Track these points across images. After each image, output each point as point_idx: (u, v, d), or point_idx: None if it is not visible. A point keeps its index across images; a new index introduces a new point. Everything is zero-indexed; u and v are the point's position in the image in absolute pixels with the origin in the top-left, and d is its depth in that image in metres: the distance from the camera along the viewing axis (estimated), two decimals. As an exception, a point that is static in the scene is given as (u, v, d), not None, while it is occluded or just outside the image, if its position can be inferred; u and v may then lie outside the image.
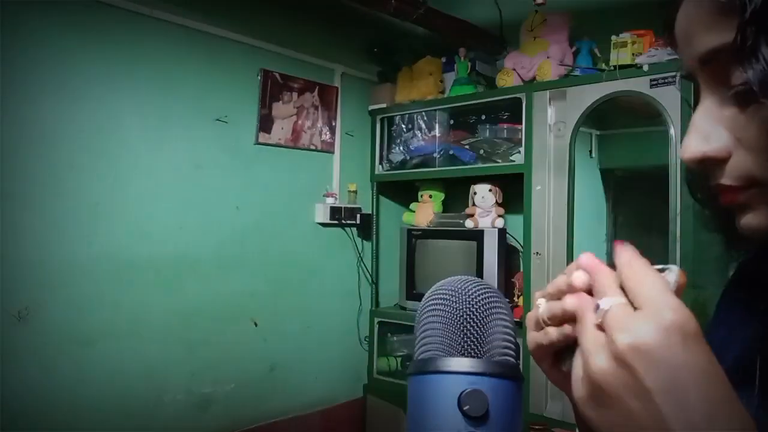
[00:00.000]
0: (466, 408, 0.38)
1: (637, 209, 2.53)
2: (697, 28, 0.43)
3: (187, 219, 2.33)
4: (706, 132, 0.43)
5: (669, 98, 1.95)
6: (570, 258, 2.18)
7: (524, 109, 2.34)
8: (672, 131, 1.94)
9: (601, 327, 0.37)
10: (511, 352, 0.42)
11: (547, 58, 2.35)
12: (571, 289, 0.41)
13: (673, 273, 0.40)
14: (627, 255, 0.39)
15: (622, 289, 0.38)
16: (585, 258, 0.41)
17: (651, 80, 1.99)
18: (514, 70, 2.46)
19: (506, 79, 2.48)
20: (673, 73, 1.95)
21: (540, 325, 0.43)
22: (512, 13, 2.66)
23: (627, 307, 0.36)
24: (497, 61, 2.78)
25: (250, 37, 2.52)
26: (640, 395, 0.34)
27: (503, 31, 2.75)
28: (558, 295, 0.42)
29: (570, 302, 0.40)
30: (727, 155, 0.42)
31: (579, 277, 0.41)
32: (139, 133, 2.21)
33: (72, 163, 2.03)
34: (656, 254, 2.17)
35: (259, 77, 2.54)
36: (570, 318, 0.40)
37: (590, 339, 0.37)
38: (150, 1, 2.21)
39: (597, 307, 0.37)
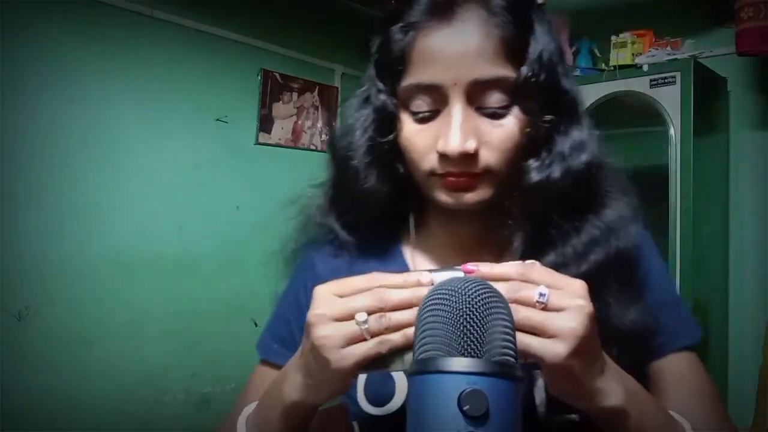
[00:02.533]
0: (466, 408, 0.38)
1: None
2: (476, 56, 0.59)
3: (187, 219, 2.34)
4: (465, 135, 0.59)
5: (669, 98, 1.95)
6: (570, 258, 2.18)
7: (524, 109, 2.34)
8: (672, 131, 1.95)
9: (545, 308, 0.49)
10: (511, 352, 0.42)
11: (547, 58, 2.35)
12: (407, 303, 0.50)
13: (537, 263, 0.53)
14: (503, 265, 0.52)
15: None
16: (486, 268, 0.52)
17: (651, 80, 1.99)
18: (514, 70, 2.46)
19: (506, 79, 2.48)
20: (673, 74, 1.95)
21: (360, 339, 0.50)
22: (512, 13, 2.66)
23: (556, 290, 0.50)
24: (497, 61, 2.78)
25: (250, 37, 2.52)
26: (596, 336, 0.50)
27: (503, 31, 2.75)
28: (396, 308, 0.50)
29: (525, 293, 0.49)
30: (476, 152, 0.60)
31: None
32: (139, 132, 2.21)
33: (72, 163, 2.04)
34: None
35: (259, 77, 2.54)
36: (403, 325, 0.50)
37: (550, 315, 0.49)
38: (150, 1, 2.21)
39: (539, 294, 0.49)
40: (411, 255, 0.75)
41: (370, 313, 0.50)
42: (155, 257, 2.24)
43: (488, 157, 0.61)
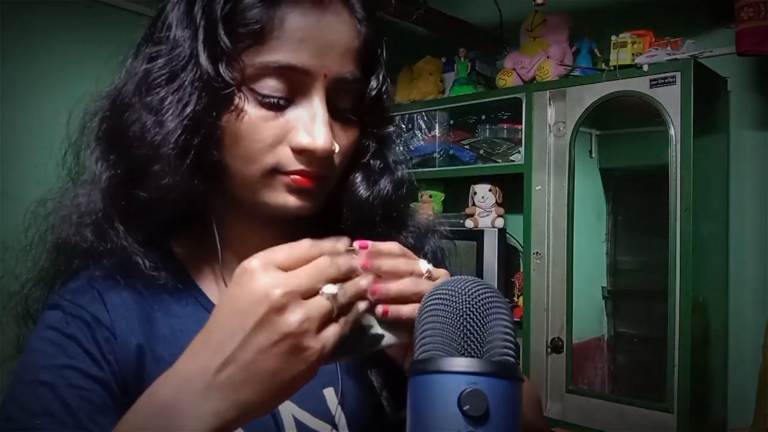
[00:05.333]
0: (466, 408, 0.38)
1: (637, 209, 2.53)
2: (345, 52, 0.56)
3: (187, 219, 2.34)
4: (330, 133, 0.55)
5: (669, 98, 1.95)
6: (570, 258, 2.18)
7: (524, 109, 2.34)
8: (672, 131, 1.94)
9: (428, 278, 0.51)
10: (511, 352, 0.43)
11: (547, 58, 2.35)
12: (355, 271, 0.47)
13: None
14: (387, 243, 0.52)
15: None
16: (390, 245, 0.52)
17: (651, 80, 1.99)
18: (514, 70, 2.46)
19: (506, 79, 2.48)
20: (673, 74, 1.95)
21: (330, 318, 0.43)
22: (512, 13, 2.66)
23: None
24: (497, 61, 2.78)
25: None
26: None
27: (503, 31, 2.76)
28: (347, 276, 0.46)
29: (417, 267, 0.51)
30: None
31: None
32: (139, 133, 2.21)
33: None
34: (656, 254, 2.17)
35: (259, 77, 2.54)
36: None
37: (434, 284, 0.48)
38: (150, 1, 2.21)
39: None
40: (204, 272, 0.63)
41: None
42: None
43: (336, 161, 0.58)
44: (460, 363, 0.40)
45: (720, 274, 2.17)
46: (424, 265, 0.52)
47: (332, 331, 0.43)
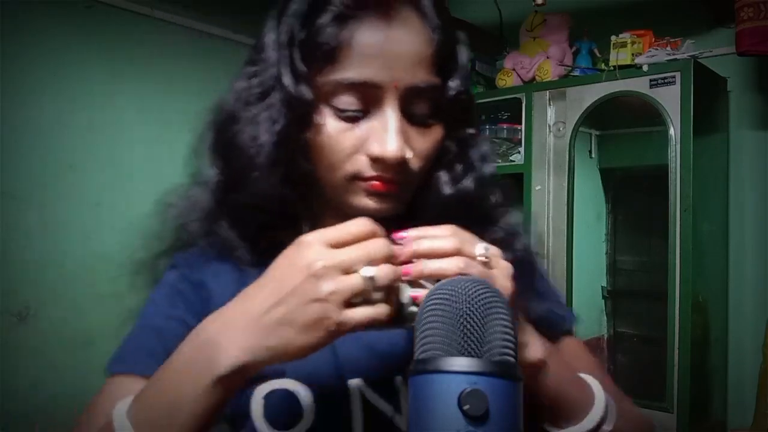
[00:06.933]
0: (466, 408, 0.38)
1: (636, 209, 2.53)
2: (417, 61, 0.58)
3: (187, 219, 2.34)
4: (403, 140, 0.58)
5: (668, 98, 1.95)
6: (570, 258, 2.18)
7: (524, 109, 2.34)
8: (671, 131, 1.95)
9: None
10: (511, 352, 0.43)
11: (547, 58, 2.35)
12: (400, 255, 0.50)
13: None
14: (444, 227, 0.52)
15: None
16: (446, 229, 0.52)
17: (650, 80, 1.99)
18: (514, 70, 2.46)
19: (506, 80, 2.48)
20: (673, 74, 1.95)
21: (360, 294, 0.47)
22: (512, 14, 2.67)
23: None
24: (497, 62, 2.78)
25: (250, 37, 2.52)
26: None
27: (503, 32, 2.76)
28: (390, 259, 0.49)
29: (469, 248, 0.51)
30: (408, 159, 0.59)
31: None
32: (139, 133, 2.21)
33: (72, 163, 2.03)
34: (656, 254, 2.17)
35: (259, 77, 2.55)
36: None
37: (491, 273, 0.51)
38: (150, 1, 2.21)
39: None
40: None
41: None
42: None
43: (414, 166, 0.61)
44: (460, 363, 0.40)
45: (720, 274, 2.17)
46: (480, 249, 0.51)
47: (360, 312, 0.47)
